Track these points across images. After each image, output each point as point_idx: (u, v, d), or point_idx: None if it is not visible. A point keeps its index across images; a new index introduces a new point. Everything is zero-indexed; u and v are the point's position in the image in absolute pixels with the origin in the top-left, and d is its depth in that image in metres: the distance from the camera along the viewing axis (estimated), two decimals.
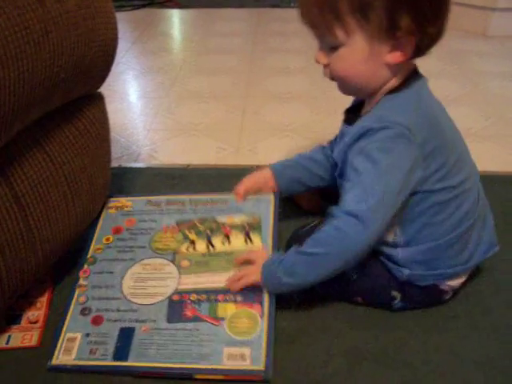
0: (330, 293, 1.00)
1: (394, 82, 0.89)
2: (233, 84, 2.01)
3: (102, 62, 0.96)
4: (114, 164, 1.45)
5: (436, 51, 0.88)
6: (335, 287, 0.98)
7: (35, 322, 0.97)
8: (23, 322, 0.97)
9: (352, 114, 0.97)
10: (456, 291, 0.99)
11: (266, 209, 1.10)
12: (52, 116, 0.93)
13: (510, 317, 0.98)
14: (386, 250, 0.96)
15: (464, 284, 1.00)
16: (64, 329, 0.94)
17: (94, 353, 0.89)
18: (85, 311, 0.96)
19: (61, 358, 0.90)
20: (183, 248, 1.05)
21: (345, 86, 0.92)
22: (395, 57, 0.84)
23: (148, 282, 1.00)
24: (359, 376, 0.88)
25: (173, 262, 1.03)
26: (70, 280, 1.06)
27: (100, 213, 1.14)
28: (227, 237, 1.06)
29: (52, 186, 0.93)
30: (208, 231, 1.08)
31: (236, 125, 1.71)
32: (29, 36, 0.76)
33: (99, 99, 1.05)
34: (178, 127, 1.71)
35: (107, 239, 1.10)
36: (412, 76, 0.89)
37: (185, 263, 1.02)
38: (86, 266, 1.05)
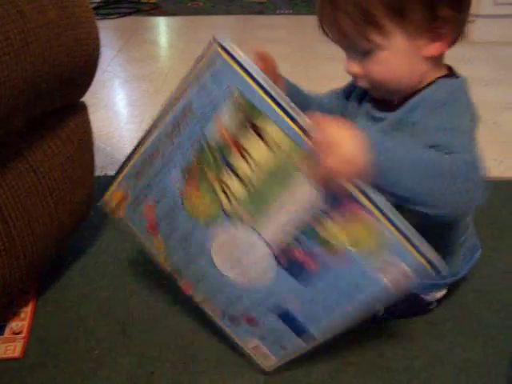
0: None
1: (432, 76, 0.86)
2: None
3: (84, 72, 0.97)
4: (100, 173, 1.45)
5: None
6: None
7: (19, 333, 0.97)
8: (7, 332, 0.97)
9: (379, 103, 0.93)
10: (440, 300, 1.00)
11: (236, 75, 0.71)
12: (34, 126, 0.93)
13: (493, 321, 0.99)
14: None
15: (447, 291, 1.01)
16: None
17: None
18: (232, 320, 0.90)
19: None
20: (224, 202, 0.79)
21: (381, 90, 0.88)
22: (435, 48, 0.83)
23: (242, 261, 0.83)
24: (343, 381, 0.88)
25: (234, 225, 0.80)
26: (55, 290, 1.06)
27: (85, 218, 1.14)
28: (241, 154, 0.75)
29: (35, 196, 0.92)
30: (219, 161, 0.77)
31: None
32: (9, 47, 0.76)
33: (82, 109, 1.05)
34: None
35: (158, 247, 0.91)
36: (450, 75, 0.88)
37: (245, 217, 0.78)
38: (182, 282, 0.93)
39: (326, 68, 2.17)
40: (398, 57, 0.82)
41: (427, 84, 0.86)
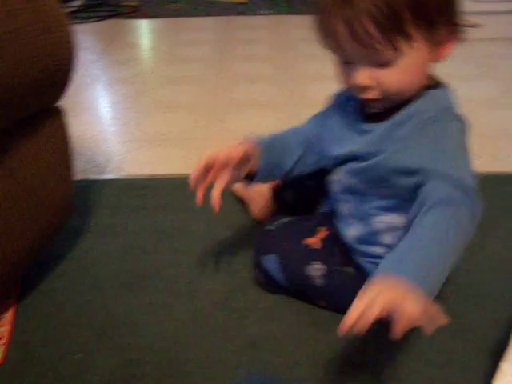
0: (293, 293, 1.02)
1: (424, 82, 0.86)
2: (200, 93, 2.01)
3: (60, 77, 0.96)
4: (81, 176, 1.45)
5: None
6: (299, 289, 1.00)
7: None
8: None
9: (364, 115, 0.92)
10: None
11: None
12: (11, 131, 0.93)
13: (472, 316, 1.00)
14: (380, 251, 0.93)
15: None
16: None
17: None
18: None
19: None
20: None
21: (388, 101, 0.85)
22: (445, 52, 0.83)
23: None
24: (324, 380, 0.89)
25: None
26: (36, 295, 1.06)
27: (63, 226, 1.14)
28: None
29: (13, 201, 0.92)
30: None
31: (203, 134, 1.71)
32: None
33: (59, 113, 1.04)
34: (145, 138, 1.70)
35: None
36: (437, 84, 0.89)
37: None
38: None
39: (307, 67, 2.17)
40: (417, 64, 0.81)
41: (417, 93, 0.85)
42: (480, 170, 1.44)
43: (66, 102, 1.07)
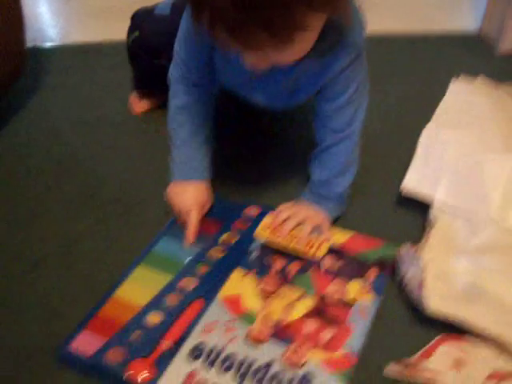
0: None
1: None
2: None
3: None
4: (30, 45, 1.49)
5: None
6: None
7: None
8: None
9: None
10: None
11: None
12: None
13: (381, 170, 1.12)
14: None
15: None
16: None
17: None
18: None
19: None
20: None
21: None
22: None
23: None
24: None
25: None
26: None
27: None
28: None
29: None
30: None
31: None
32: None
33: None
34: (91, 11, 1.75)
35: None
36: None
37: None
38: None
39: None
40: (316, 32, 0.71)
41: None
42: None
43: None
